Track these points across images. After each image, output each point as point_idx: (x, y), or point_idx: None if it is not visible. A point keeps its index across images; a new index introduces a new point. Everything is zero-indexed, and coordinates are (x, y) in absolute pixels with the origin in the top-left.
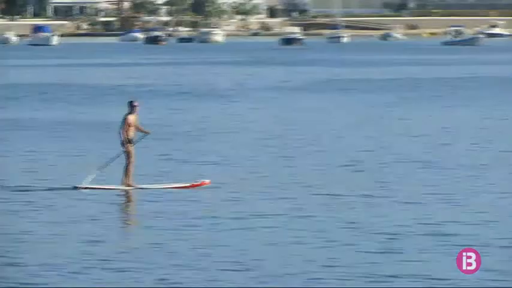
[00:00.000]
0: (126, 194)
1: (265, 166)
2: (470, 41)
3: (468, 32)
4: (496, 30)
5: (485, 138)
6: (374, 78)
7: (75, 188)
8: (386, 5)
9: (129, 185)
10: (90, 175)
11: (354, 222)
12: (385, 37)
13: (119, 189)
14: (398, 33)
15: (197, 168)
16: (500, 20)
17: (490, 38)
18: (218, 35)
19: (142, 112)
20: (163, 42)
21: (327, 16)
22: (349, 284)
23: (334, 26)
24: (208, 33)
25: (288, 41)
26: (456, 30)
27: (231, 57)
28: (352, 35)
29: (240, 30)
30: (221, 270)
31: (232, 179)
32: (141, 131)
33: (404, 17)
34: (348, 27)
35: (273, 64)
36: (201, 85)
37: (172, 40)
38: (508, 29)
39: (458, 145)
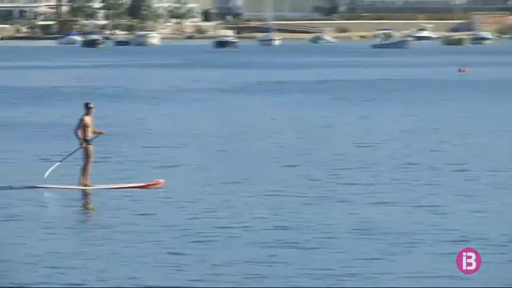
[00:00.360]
0: (84, 193)
1: (210, 164)
2: (400, 44)
3: (397, 35)
4: (424, 33)
5: (412, 138)
6: (304, 80)
7: (34, 187)
8: (317, 9)
9: (86, 185)
10: (51, 167)
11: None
12: (315, 40)
13: (76, 188)
14: (328, 36)
15: (141, 168)
16: (428, 24)
17: (418, 41)
18: (154, 38)
19: (79, 113)
20: (101, 45)
21: (259, 20)
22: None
23: (266, 29)
24: (144, 36)
25: (222, 44)
26: (385, 33)
27: (166, 59)
28: (283, 38)
29: (175, 34)
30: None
31: (182, 178)
32: (95, 132)
33: (334, 20)
34: (279, 30)
35: (207, 66)
36: (137, 87)
37: (110, 43)
38: (435, 32)
39: (386, 145)
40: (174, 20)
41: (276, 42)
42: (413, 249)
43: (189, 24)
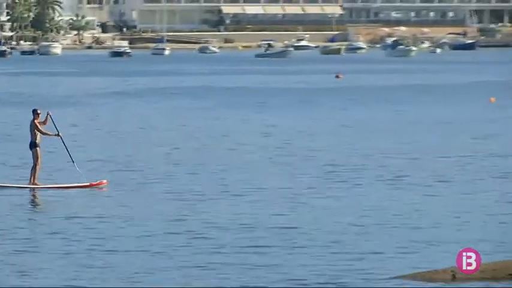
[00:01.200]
0: (32, 192)
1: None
2: (281, 53)
3: (278, 45)
4: (303, 43)
5: (290, 140)
6: (190, 86)
7: None
8: (204, 21)
9: (35, 184)
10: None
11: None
12: (203, 50)
13: (26, 187)
14: (214, 47)
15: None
16: (306, 34)
17: (298, 51)
18: (57, 48)
19: None
20: (8, 55)
21: (152, 31)
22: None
23: (158, 40)
24: (48, 46)
25: (117, 53)
26: (268, 44)
27: (67, 68)
28: (173, 48)
29: (75, 44)
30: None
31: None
32: (48, 135)
33: (221, 32)
34: (170, 41)
35: (103, 74)
36: (41, 93)
37: (16, 53)
38: (312, 42)
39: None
40: (74, 32)
41: (167, 52)
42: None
43: (88, 35)
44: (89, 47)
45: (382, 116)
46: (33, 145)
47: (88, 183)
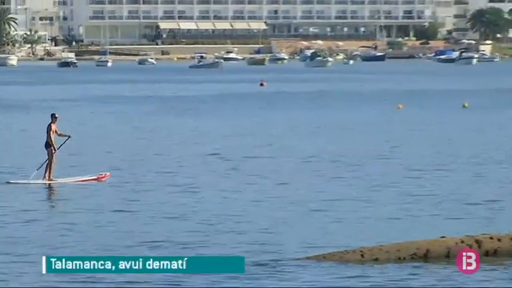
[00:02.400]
0: (49, 186)
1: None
2: (212, 64)
3: (210, 57)
4: (232, 55)
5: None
6: (130, 94)
7: (8, 182)
8: (144, 36)
9: (51, 179)
10: (32, 173)
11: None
12: (142, 62)
13: (43, 183)
14: (152, 59)
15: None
16: (234, 47)
17: (227, 62)
18: (13, 60)
19: None
20: None
21: (97, 45)
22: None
23: (102, 52)
24: (5, 58)
25: (65, 64)
26: (200, 56)
27: (23, 77)
28: (116, 60)
29: (29, 56)
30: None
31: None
32: (62, 136)
33: (158, 45)
34: (113, 53)
35: (53, 83)
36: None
37: None
38: (240, 54)
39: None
40: (28, 45)
41: (110, 64)
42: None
43: (40, 48)
44: (41, 59)
45: (300, 118)
46: (48, 145)
47: (96, 176)
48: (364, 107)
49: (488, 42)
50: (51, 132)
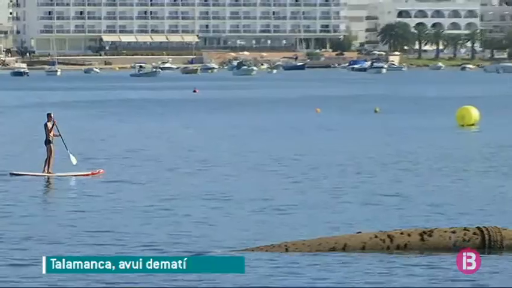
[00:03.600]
0: (48, 179)
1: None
2: (151, 73)
3: (148, 67)
4: (167, 65)
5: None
6: (78, 99)
7: (12, 174)
8: (89, 48)
9: (49, 173)
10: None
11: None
12: (87, 71)
13: (42, 175)
14: (96, 68)
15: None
16: (170, 58)
17: (163, 71)
18: None
19: None
20: None
21: (47, 56)
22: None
23: (51, 63)
24: None
25: (17, 73)
26: (140, 66)
27: None
28: (64, 69)
29: None
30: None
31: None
32: (55, 136)
33: (102, 56)
34: (61, 63)
35: (5, 90)
36: None
37: None
38: (175, 64)
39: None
40: None
41: (58, 73)
42: None
43: None
44: None
45: (227, 122)
46: (47, 142)
47: (90, 172)
48: (286, 111)
49: (396, 53)
50: (48, 130)
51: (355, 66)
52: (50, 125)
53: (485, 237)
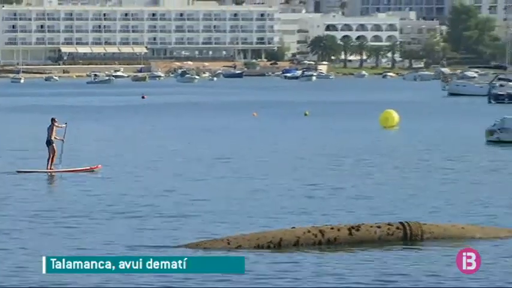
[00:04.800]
0: (50, 175)
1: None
2: (106, 81)
3: (103, 75)
4: (119, 74)
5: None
6: (41, 104)
7: (18, 172)
8: (49, 58)
9: (51, 169)
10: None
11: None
12: (48, 79)
13: (46, 171)
14: (56, 76)
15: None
16: (121, 67)
17: (116, 79)
18: None
19: None
20: None
21: (11, 65)
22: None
23: (15, 71)
24: None
25: None
26: (95, 74)
27: None
28: (27, 78)
29: None
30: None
31: None
32: (57, 139)
33: (60, 65)
34: (24, 72)
35: None
36: None
37: None
38: (126, 73)
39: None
40: None
41: (22, 80)
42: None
43: None
44: None
45: (172, 124)
46: (49, 142)
47: (89, 167)
48: (225, 115)
49: (324, 63)
50: (51, 133)
51: (288, 74)
52: (53, 128)
53: (407, 232)
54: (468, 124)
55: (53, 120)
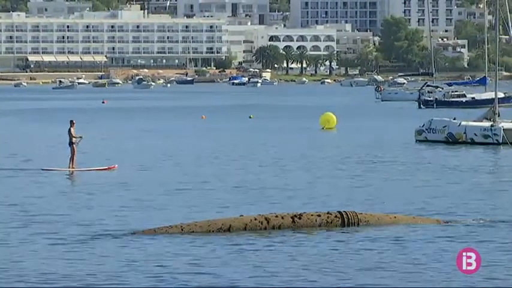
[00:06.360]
0: (72, 173)
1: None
2: (70, 87)
3: (67, 82)
4: (81, 80)
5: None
6: (15, 108)
7: (43, 169)
8: (17, 66)
9: (73, 168)
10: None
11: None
12: (17, 85)
13: (68, 170)
14: (24, 83)
15: None
16: (83, 74)
17: (79, 85)
18: None
19: None
20: None
21: None
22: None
23: None
24: None
25: None
26: (59, 81)
27: None
28: None
29: None
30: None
31: None
32: (75, 137)
33: (28, 72)
34: None
35: None
36: None
37: None
38: (87, 79)
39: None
40: None
41: None
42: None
43: None
44: None
45: (127, 126)
46: (70, 144)
47: (106, 167)
48: (177, 117)
49: (268, 70)
50: (71, 134)
51: (235, 81)
52: (72, 130)
53: (345, 220)
54: (399, 125)
55: (71, 122)
